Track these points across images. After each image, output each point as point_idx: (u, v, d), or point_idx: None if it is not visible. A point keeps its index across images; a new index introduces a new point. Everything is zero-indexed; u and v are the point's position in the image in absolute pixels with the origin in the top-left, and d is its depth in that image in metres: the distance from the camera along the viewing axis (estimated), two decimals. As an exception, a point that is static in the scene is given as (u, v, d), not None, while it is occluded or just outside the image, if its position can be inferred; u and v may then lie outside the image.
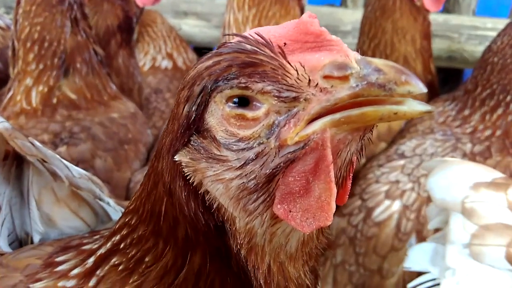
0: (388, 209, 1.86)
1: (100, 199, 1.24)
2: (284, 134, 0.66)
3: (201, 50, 3.15)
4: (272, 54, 0.66)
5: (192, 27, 3.10)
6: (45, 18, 1.76)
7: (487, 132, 1.99)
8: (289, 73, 0.65)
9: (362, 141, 0.70)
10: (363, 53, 2.30)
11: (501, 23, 2.95)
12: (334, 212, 0.68)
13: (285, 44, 0.67)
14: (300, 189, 0.68)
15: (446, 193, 1.27)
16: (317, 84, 0.65)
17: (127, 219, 0.87)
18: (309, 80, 0.65)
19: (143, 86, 2.41)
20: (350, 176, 0.75)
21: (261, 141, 0.67)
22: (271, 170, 0.67)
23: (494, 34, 2.90)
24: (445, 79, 3.14)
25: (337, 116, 0.64)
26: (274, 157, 0.67)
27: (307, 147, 0.66)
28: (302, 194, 0.68)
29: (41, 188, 1.19)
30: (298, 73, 0.65)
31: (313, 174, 0.67)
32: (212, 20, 3.00)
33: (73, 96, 1.80)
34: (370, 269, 1.81)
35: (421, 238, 1.77)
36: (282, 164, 0.67)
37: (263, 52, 0.66)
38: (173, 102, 0.78)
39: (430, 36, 2.50)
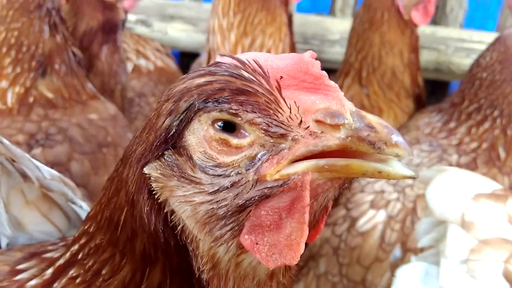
0: (372, 219, 1.84)
1: (73, 202, 1.20)
2: (265, 170, 0.65)
3: (187, 55, 3.13)
4: (268, 87, 0.65)
5: (178, 32, 3.07)
6: (22, 23, 1.76)
7: (473, 145, 2.00)
8: (282, 109, 0.65)
9: (341, 189, 0.69)
10: (350, 66, 2.26)
11: (488, 36, 2.98)
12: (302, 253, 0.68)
13: (281, 77, 0.67)
14: (271, 224, 0.67)
15: (446, 204, 1.23)
16: (308, 126, 0.64)
17: (86, 227, 0.84)
18: (301, 121, 0.64)
19: (127, 88, 2.36)
20: (324, 219, 0.74)
21: (240, 171, 0.66)
22: (244, 201, 0.66)
23: (481, 47, 2.94)
24: (431, 91, 3.15)
25: (321, 162, 0.64)
26: (250, 189, 0.66)
27: (285, 186, 0.65)
28: (272, 228, 0.67)
29: (10, 189, 1.14)
30: (291, 112, 0.65)
31: (287, 211, 0.66)
32: (199, 25, 2.97)
33: (50, 95, 1.77)
34: (354, 280, 1.78)
35: (406, 249, 1.76)
36: (256, 198, 0.66)
37: (259, 83, 0.65)
38: (153, 111, 0.76)
39: (418, 50, 2.52)
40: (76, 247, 0.84)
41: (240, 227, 0.68)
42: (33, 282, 0.88)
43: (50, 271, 0.87)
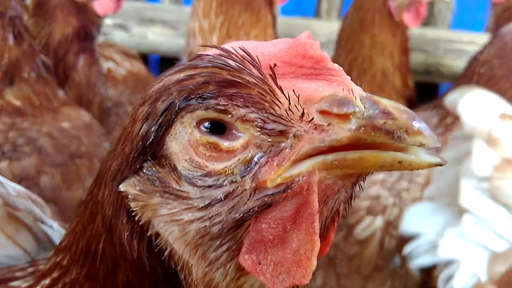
0: (370, 226, 1.78)
1: (42, 222, 1.09)
2: (264, 175, 0.56)
3: (167, 61, 3.03)
4: (260, 76, 0.56)
5: (158, 36, 2.99)
6: None
7: None
8: (279, 101, 0.55)
9: (354, 188, 0.60)
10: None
11: (478, 38, 2.95)
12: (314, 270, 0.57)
13: (275, 65, 0.57)
14: (274, 238, 0.58)
15: (475, 118, 1.25)
16: (312, 119, 0.55)
17: (58, 259, 0.74)
18: (303, 113, 0.55)
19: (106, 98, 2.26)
20: (334, 227, 0.65)
21: (234, 179, 0.57)
22: (241, 215, 0.57)
23: (471, 48, 2.91)
24: (421, 94, 3.10)
25: (329, 158, 0.54)
26: (248, 199, 0.56)
27: (289, 191, 0.56)
28: (276, 244, 0.58)
29: (-30, 209, 1.02)
30: (290, 103, 0.55)
31: (293, 222, 0.57)
32: (180, 29, 2.90)
33: (18, 103, 1.68)
34: None
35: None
36: (256, 209, 0.56)
37: (249, 72, 0.56)
38: (128, 118, 0.65)
39: (408, 52, 2.50)
40: (47, 281, 0.74)
41: (239, 246, 0.58)
42: (-3, 316, 0.78)
43: None
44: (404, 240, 1.76)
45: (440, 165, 0.53)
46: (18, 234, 1.06)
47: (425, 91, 3.17)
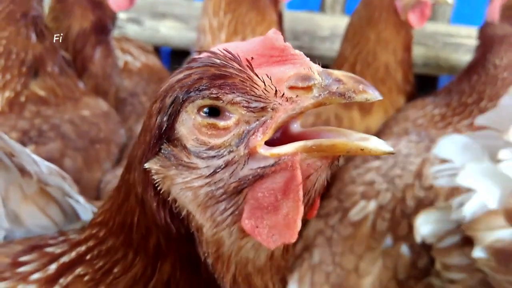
0: (364, 209, 1.87)
1: (70, 197, 1.21)
2: (253, 142, 0.70)
3: (179, 53, 3.14)
4: (240, 67, 0.71)
5: (170, 29, 3.08)
6: (10, 32, 1.79)
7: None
8: (256, 84, 0.70)
9: (331, 168, 0.74)
10: (344, 59, 2.31)
11: (475, 31, 3.02)
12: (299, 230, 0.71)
13: (252, 58, 0.72)
14: (268, 205, 0.71)
15: None
16: (283, 94, 0.70)
17: (94, 231, 0.88)
18: (276, 90, 0.70)
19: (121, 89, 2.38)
20: (319, 197, 0.79)
21: (231, 149, 0.70)
22: (239, 181, 0.70)
23: (468, 41, 2.98)
24: (420, 86, 3.18)
25: (309, 143, 0.69)
26: (244, 165, 0.70)
27: (277, 166, 0.69)
28: (270, 210, 0.71)
29: (9, 184, 1.15)
30: (265, 85, 0.70)
31: (282, 192, 0.70)
32: (190, 22, 2.99)
33: (42, 93, 1.79)
34: (347, 269, 1.81)
35: (396, 238, 1.81)
36: (250, 177, 0.70)
37: (231, 66, 0.71)
38: (146, 115, 0.81)
39: (411, 49, 2.57)
40: (83, 248, 0.88)
41: (240, 211, 0.72)
42: (36, 276, 0.89)
43: (53, 266, 0.89)
44: (396, 222, 1.86)
45: (392, 153, 0.69)
46: (49, 207, 1.18)
47: (425, 83, 3.26)
